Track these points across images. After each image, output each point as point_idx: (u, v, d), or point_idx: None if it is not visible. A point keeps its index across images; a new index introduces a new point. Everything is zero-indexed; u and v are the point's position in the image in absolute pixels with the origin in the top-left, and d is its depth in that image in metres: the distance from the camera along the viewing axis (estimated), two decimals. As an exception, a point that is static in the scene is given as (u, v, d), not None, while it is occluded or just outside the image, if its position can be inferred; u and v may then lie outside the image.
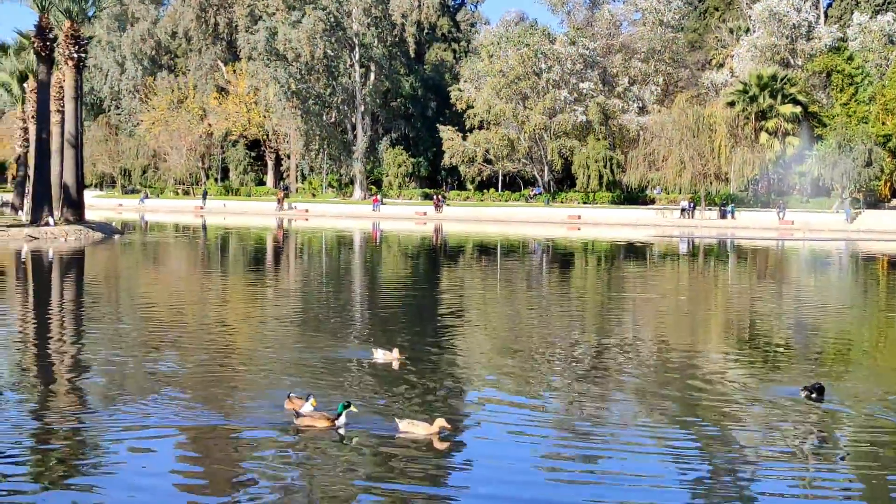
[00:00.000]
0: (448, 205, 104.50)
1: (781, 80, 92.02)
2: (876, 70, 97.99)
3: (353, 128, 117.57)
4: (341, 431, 13.84)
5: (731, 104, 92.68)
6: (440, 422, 13.66)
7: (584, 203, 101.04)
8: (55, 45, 62.58)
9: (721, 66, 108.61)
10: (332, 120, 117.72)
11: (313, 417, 14.10)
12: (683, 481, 11.89)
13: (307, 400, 14.34)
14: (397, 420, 13.95)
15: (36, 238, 55.34)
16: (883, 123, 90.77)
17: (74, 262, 45.84)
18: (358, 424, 14.02)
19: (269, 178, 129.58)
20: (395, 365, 18.71)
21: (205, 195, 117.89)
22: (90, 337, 22.58)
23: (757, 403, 16.04)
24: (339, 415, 13.98)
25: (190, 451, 13.17)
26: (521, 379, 18.14)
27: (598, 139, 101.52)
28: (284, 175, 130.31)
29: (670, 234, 77.70)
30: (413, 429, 13.68)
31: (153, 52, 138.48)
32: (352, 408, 14.15)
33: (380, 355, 19.21)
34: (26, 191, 74.86)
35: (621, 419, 15.02)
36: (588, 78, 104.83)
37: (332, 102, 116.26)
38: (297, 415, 14.14)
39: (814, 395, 15.94)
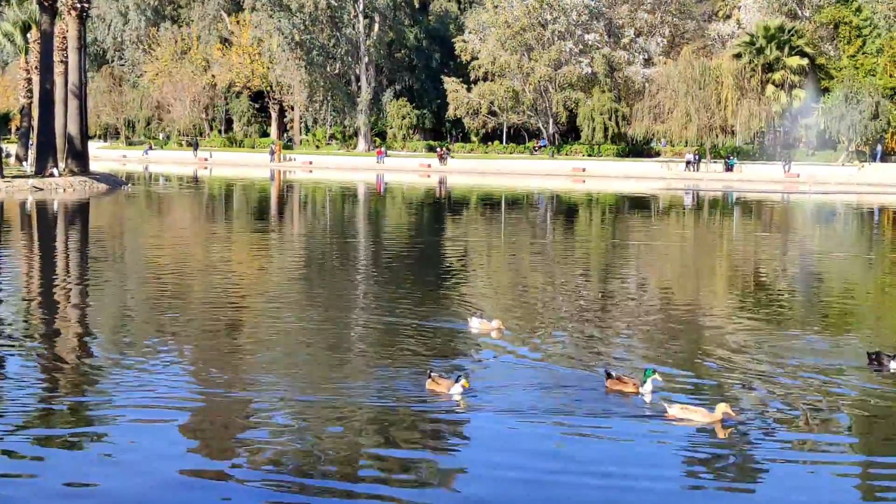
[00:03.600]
0: (452, 157, 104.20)
1: (788, 31, 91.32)
2: (884, 22, 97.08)
3: (357, 79, 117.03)
4: (646, 399, 12.97)
5: (738, 56, 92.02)
6: (723, 407, 12.05)
7: (589, 156, 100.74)
8: (58, -6, 62.17)
9: (728, 17, 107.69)
10: (336, 71, 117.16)
11: (622, 381, 13.13)
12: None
13: (457, 381, 12.87)
14: (665, 405, 12.38)
15: (41, 189, 55.34)
16: (891, 76, 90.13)
17: (79, 213, 45.90)
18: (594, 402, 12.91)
19: (273, 130, 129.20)
20: (495, 335, 16.91)
21: (195, 146, 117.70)
22: (104, 290, 22.64)
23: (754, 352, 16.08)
24: (644, 382, 13.09)
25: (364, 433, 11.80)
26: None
27: (604, 91, 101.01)
28: (288, 127, 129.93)
29: (675, 186, 77.55)
30: (688, 415, 12.11)
31: (156, 3, 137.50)
32: (656, 376, 13.07)
33: (475, 324, 17.42)
34: (30, 142, 74.74)
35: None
36: (594, 29, 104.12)
37: (336, 54, 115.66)
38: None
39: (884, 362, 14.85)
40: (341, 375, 14.07)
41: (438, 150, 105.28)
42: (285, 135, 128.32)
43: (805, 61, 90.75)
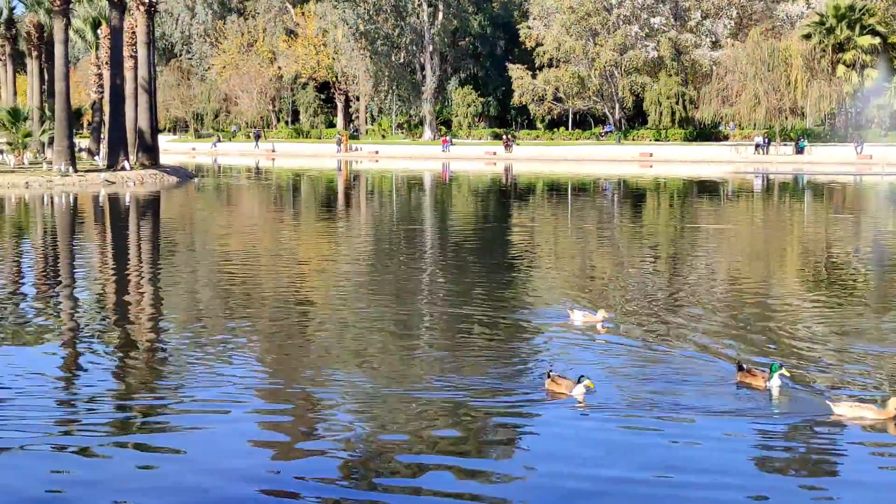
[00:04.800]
0: (518, 144, 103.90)
1: (859, 10, 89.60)
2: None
3: (422, 68, 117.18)
4: (774, 393, 12.29)
5: (807, 37, 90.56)
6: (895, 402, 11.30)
7: (656, 140, 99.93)
8: (127, -10, 63.06)
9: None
10: (401, 61, 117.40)
11: (752, 374, 12.54)
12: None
13: (578, 381, 12.11)
14: (831, 403, 11.61)
15: (112, 182, 56.21)
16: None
17: (150, 206, 46.53)
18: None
19: (339, 120, 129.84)
20: (600, 328, 16.10)
21: (257, 138, 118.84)
22: (180, 286, 22.93)
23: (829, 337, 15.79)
24: (772, 376, 12.39)
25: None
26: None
27: (670, 75, 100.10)
28: (354, 117, 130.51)
29: (744, 170, 76.60)
30: (858, 412, 11.36)
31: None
32: (783, 370, 12.40)
33: (578, 317, 16.51)
34: (102, 136, 75.95)
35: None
36: (659, 12, 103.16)
37: (401, 43, 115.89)
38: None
39: None
40: (439, 371, 13.62)
41: (504, 137, 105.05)
42: (351, 125, 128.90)
43: (877, 40, 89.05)
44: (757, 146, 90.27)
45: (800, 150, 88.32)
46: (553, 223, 37.93)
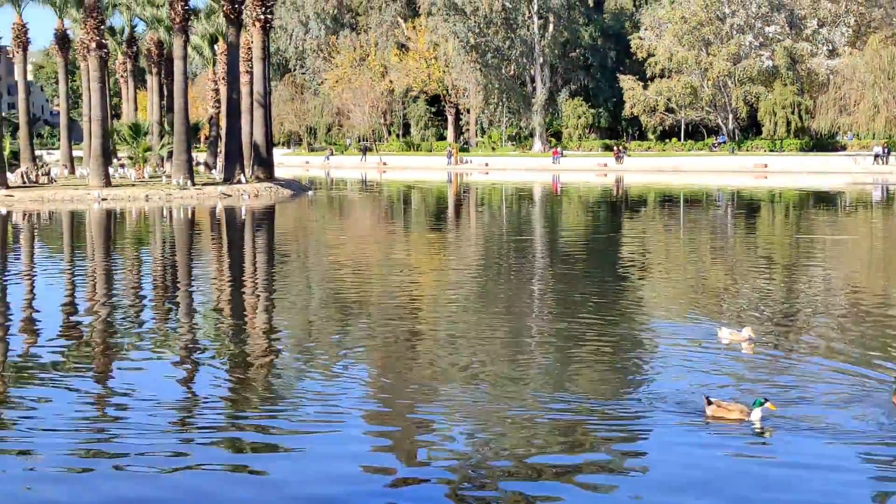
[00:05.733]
0: (629, 156, 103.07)
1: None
2: None
3: (532, 80, 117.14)
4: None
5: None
6: None
7: (771, 151, 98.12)
8: (243, 7, 64.46)
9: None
10: (511, 73, 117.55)
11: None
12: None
13: (755, 405, 11.47)
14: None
15: (229, 195, 57.42)
16: None
17: (266, 218, 47.37)
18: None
19: (449, 133, 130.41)
20: (746, 347, 15.43)
21: (364, 151, 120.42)
22: (295, 299, 23.31)
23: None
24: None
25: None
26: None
27: (786, 84, 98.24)
28: (464, 129, 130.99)
29: (863, 181, 74.70)
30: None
31: (335, 11, 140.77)
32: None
33: (725, 334, 15.82)
34: (218, 150, 77.75)
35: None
36: (774, 21, 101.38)
37: (511, 55, 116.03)
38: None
39: None
40: (552, 389, 13.45)
41: (615, 148, 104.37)
42: (461, 137, 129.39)
43: None
44: (876, 156, 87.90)
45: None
46: (666, 235, 37.51)
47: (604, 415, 12.02)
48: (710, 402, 11.72)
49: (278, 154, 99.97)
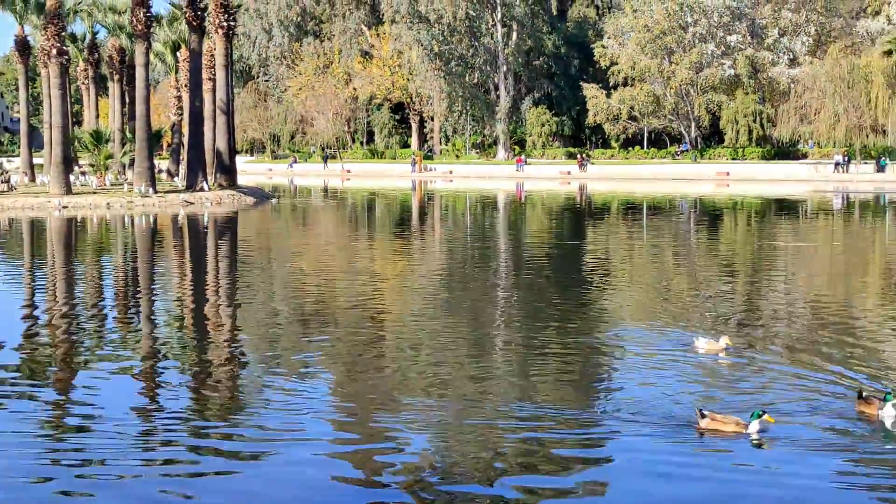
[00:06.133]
0: (592, 163, 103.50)
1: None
2: None
3: (496, 88, 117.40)
4: (887, 423, 11.68)
5: (889, 53, 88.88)
6: None
7: (733, 159, 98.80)
8: (206, 14, 64.21)
9: (877, 13, 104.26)
10: (475, 81, 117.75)
11: (869, 403, 11.95)
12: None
13: (753, 417, 11.42)
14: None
15: (191, 203, 57.06)
16: None
17: (229, 226, 47.11)
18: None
19: (414, 141, 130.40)
20: (723, 356, 15.46)
21: (325, 159, 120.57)
22: (257, 307, 23.16)
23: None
24: (884, 406, 11.82)
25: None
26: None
27: (747, 93, 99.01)
28: (428, 137, 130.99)
29: (823, 189, 75.41)
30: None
31: (299, 19, 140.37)
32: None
33: (702, 344, 15.81)
34: (181, 157, 77.24)
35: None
36: (736, 30, 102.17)
37: (475, 63, 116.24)
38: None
39: None
40: (516, 398, 13.41)
41: (578, 156, 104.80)
42: (425, 145, 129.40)
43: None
44: (836, 164, 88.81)
45: (881, 169, 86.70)
46: (630, 243, 37.61)
47: (571, 425, 11.94)
48: (703, 415, 11.55)
49: (241, 161, 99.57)
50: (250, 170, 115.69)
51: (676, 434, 11.51)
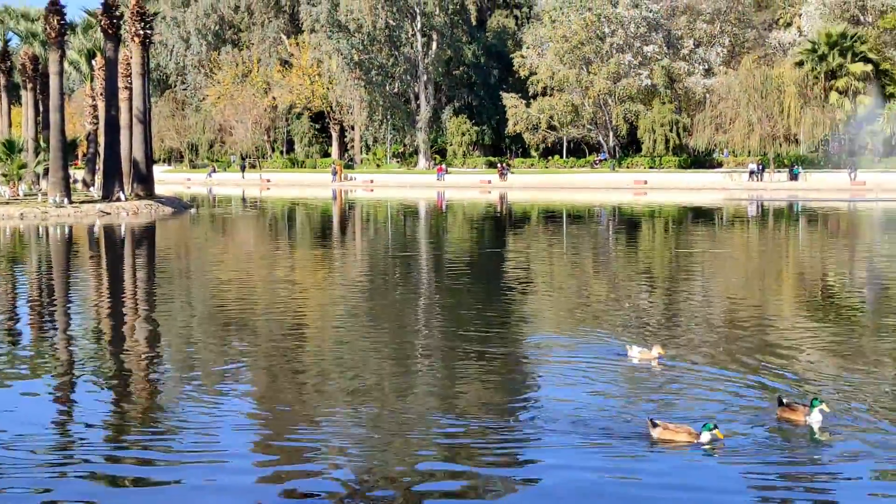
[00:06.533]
0: (512, 172, 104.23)
1: (851, 37, 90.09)
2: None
3: (416, 97, 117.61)
4: (814, 428, 11.78)
5: (800, 64, 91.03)
6: None
7: (651, 168, 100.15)
8: (122, 22, 63.36)
9: (788, 25, 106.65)
10: (396, 90, 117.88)
11: (793, 409, 12.07)
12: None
13: (705, 428, 11.31)
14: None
15: (108, 213, 56.17)
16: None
17: (146, 236, 46.46)
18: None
19: (334, 150, 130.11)
20: (655, 364, 15.33)
21: (243, 168, 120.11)
22: (174, 316, 22.84)
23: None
24: (812, 411, 11.90)
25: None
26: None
27: (664, 103, 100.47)
28: (349, 146, 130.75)
29: (739, 197, 76.75)
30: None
31: (217, 27, 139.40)
32: (823, 406, 11.74)
33: (635, 353, 15.73)
34: (97, 167, 75.97)
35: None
36: (652, 41, 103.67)
37: (395, 72, 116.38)
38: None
39: None
40: (440, 409, 13.28)
41: (498, 165, 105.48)
42: (346, 154, 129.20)
43: (869, 67, 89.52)
44: (751, 173, 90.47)
45: (794, 177, 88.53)
46: (551, 251, 37.86)
47: (497, 439, 11.78)
48: (655, 425, 11.47)
49: (159, 171, 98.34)
50: (168, 179, 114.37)
51: (610, 447, 11.41)
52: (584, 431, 11.86)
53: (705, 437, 11.18)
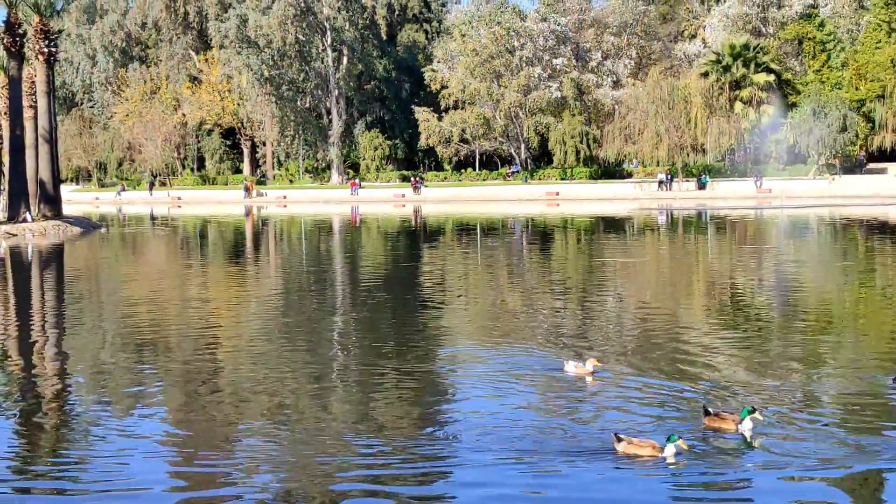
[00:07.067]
0: (426, 186, 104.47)
1: (754, 49, 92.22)
2: (847, 36, 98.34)
3: (328, 112, 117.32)
4: (746, 436, 11.97)
5: (705, 75, 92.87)
6: None
7: (562, 179, 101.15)
8: (25, 40, 62.18)
9: (693, 37, 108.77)
10: (307, 105, 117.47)
11: (721, 418, 12.23)
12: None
13: (669, 440, 11.36)
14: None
15: (13, 234, 55.02)
16: (856, 88, 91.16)
17: (54, 257, 45.54)
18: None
19: (246, 166, 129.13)
20: (590, 380, 15.23)
21: (151, 185, 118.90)
22: (84, 339, 22.42)
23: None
24: (743, 419, 12.09)
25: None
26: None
27: (574, 115, 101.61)
28: (261, 162, 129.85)
29: (649, 206, 77.87)
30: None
31: (124, 44, 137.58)
32: (756, 414, 11.97)
33: (571, 367, 15.68)
34: (2, 188, 74.33)
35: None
36: (561, 54, 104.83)
37: (306, 88, 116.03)
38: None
39: None
40: (355, 430, 13.15)
41: (412, 179, 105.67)
42: (258, 170, 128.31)
43: (772, 77, 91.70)
44: (660, 183, 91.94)
45: (702, 186, 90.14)
46: (465, 264, 37.96)
47: (417, 455, 11.70)
48: (619, 439, 11.44)
49: (67, 191, 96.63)
50: (76, 199, 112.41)
51: (532, 463, 11.34)
52: (506, 447, 11.78)
53: (669, 449, 11.19)
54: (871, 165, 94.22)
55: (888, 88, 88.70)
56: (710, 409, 12.57)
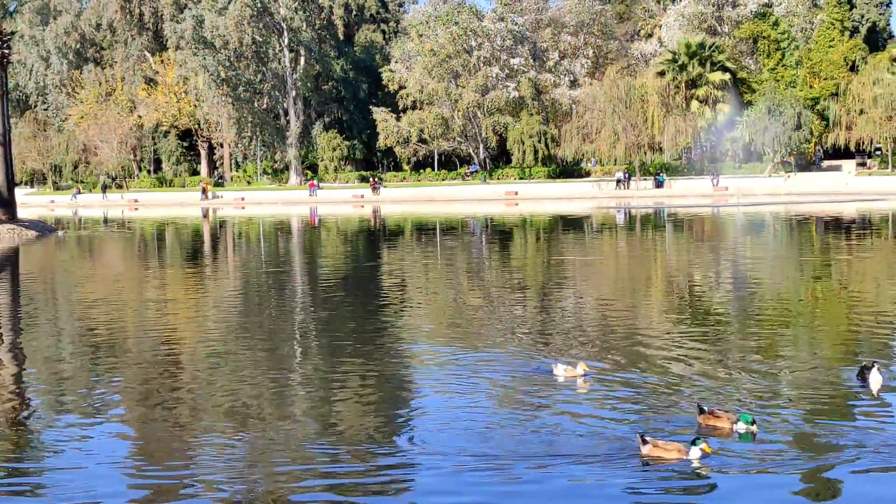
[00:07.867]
0: (385, 186, 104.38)
1: (709, 47, 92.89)
2: (801, 34, 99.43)
3: (286, 113, 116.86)
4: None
5: (662, 74, 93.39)
6: None
7: (521, 179, 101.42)
8: (-23, 41, 61.35)
9: (650, 36, 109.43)
10: (264, 106, 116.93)
11: (716, 416, 12.04)
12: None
13: (693, 443, 11.04)
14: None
15: (-33, 239, 54.32)
16: (810, 87, 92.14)
17: (8, 262, 45.00)
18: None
19: (203, 168, 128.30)
20: (581, 382, 14.90)
21: (105, 188, 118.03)
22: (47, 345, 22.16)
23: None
24: (738, 420, 11.88)
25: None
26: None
27: (532, 114, 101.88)
28: (218, 164, 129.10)
29: (607, 205, 78.25)
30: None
31: (78, 45, 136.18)
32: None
33: (560, 371, 15.29)
34: (-46, 192, 73.34)
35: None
36: (518, 54, 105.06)
37: (263, 88, 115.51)
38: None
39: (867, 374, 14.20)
40: (318, 435, 13.03)
41: (371, 180, 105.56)
42: (216, 172, 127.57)
43: (727, 76, 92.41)
44: (618, 181, 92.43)
45: (659, 184, 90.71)
46: (424, 264, 37.89)
47: (381, 463, 11.52)
48: (645, 441, 11.13)
49: (21, 194, 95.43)
50: (31, 202, 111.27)
51: (503, 469, 11.09)
52: (476, 453, 11.53)
53: (694, 452, 10.91)
54: (826, 163, 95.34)
55: (841, 86, 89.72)
56: (705, 407, 12.39)
